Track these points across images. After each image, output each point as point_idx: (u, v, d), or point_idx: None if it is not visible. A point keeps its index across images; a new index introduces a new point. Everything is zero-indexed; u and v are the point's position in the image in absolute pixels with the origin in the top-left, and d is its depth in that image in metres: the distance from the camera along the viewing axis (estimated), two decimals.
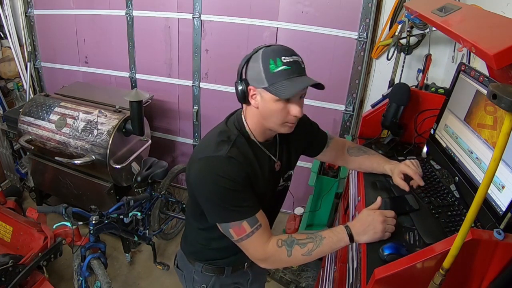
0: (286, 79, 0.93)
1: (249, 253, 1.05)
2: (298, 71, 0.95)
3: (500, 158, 0.64)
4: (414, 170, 1.21)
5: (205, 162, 0.99)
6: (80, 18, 2.89)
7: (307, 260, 1.03)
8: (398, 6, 2.12)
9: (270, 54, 0.94)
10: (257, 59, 0.96)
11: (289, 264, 1.06)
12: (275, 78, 0.93)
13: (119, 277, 2.39)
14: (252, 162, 1.04)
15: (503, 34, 0.84)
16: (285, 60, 0.93)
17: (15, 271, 1.79)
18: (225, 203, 0.98)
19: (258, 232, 1.00)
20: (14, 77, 3.20)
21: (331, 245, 1.01)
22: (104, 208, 1.96)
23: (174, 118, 3.01)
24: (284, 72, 0.93)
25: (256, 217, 1.00)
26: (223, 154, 0.98)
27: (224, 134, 1.04)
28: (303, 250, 1.01)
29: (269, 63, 0.93)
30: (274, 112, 0.98)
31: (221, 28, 2.54)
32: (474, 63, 1.58)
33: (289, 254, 1.00)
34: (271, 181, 1.14)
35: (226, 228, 1.02)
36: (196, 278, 1.29)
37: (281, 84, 0.92)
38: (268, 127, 1.04)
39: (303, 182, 2.71)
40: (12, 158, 2.94)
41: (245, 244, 1.02)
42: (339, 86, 2.45)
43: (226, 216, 1.00)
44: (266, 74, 0.94)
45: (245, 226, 0.99)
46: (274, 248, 1.01)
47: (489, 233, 0.81)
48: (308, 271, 2.31)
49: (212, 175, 0.97)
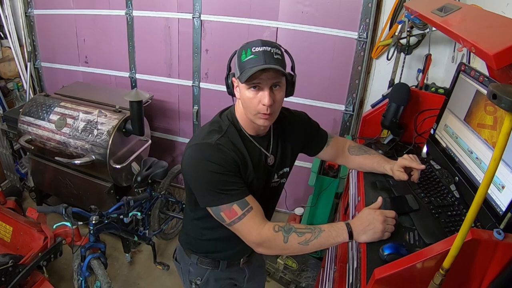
0: (251, 67, 0.96)
1: (244, 236, 1.04)
2: (266, 60, 0.96)
3: (500, 158, 0.64)
4: (411, 159, 1.22)
5: (195, 148, 1.04)
6: (80, 18, 2.88)
7: (303, 250, 1.02)
8: (398, 6, 2.12)
9: (244, 46, 1.00)
10: (237, 52, 1.02)
11: (284, 251, 1.05)
12: (244, 67, 0.98)
13: (119, 277, 2.39)
14: (242, 152, 1.07)
15: (503, 34, 0.84)
16: (254, 50, 0.97)
17: (15, 271, 1.79)
18: (214, 187, 1.01)
19: (249, 215, 1.01)
20: (14, 77, 3.20)
21: (329, 239, 1.01)
22: (104, 208, 1.96)
23: (174, 118, 3.01)
24: (251, 60, 0.97)
25: (246, 200, 1.02)
26: (212, 142, 1.03)
27: (216, 124, 1.10)
28: (300, 238, 1.00)
29: (241, 54, 0.99)
30: (246, 100, 1.01)
31: (221, 28, 2.54)
32: (474, 63, 1.58)
33: (285, 240, 1.00)
34: (263, 175, 1.15)
35: (218, 212, 1.03)
36: (192, 270, 1.31)
37: (245, 71, 0.97)
38: (249, 118, 1.06)
39: (303, 182, 2.71)
40: (12, 158, 2.94)
41: (238, 227, 1.02)
42: (339, 86, 2.45)
43: (216, 199, 1.02)
44: (238, 64, 1.00)
45: (235, 208, 1.01)
46: (270, 231, 1.01)
47: (489, 233, 0.81)
48: (308, 271, 2.31)
49: (201, 160, 1.01)
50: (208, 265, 1.28)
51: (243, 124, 1.10)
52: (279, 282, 2.34)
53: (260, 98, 0.99)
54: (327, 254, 1.83)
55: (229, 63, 1.08)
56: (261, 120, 1.03)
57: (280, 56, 1.00)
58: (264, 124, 1.05)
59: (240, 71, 0.99)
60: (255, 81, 0.98)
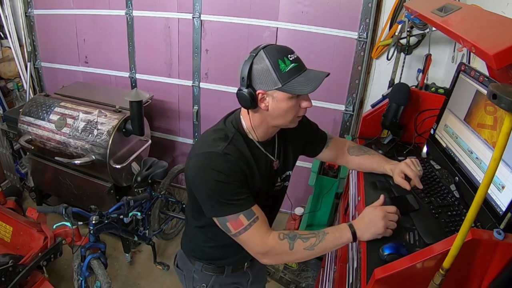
0: (298, 75, 0.95)
1: (249, 247, 1.03)
2: (303, 65, 0.98)
3: (500, 158, 0.64)
4: (414, 173, 1.20)
5: (201, 157, 1.01)
6: (80, 18, 2.88)
7: (309, 256, 1.01)
8: (398, 6, 2.12)
9: (276, 55, 0.95)
10: (262, 61, 0.96)
11: (291, 258, 1.04)
12: (288, 77, 0.95)
13: (119, 277, 2.39)
14: (248, 159, 1.05)
15: (503, 34, 0.84)
16: (291, 58, 0.96)
17: (15, 271, 1.79)
18: (221, 197, 0.99)
19: (255, 225, 1.00)
20: (14, 77, 3.20)
21: (334, 241, 1.00)
22: (104, 208, 1.96)
23: (174, 118, 3.01)
24: (294, 69, 0.96)
25: (253, 210, 1.01)
26: (219, 150, 1.00)
27: (221, 132, 1.06)
28: (305, 244, 1.00)
29: (278, 64, 0.95)
30: (288, 109, 1.00)
31: (221, 28, 2.54)
32: (474, 63, 1.58)
33: (291, 247, 0.99)
34: (268, 180, 1.15)
35: (224, 222, 1.01)
36: (196, 277, 1.29)
37: (296, 81, 0.95)
38: (276, 125, 1.06)
39: (303, 182, 2.71)
40: (12, 158, 2.94)
41: (244, 237, 1.01)
42: (339, 86, 2.45)
43: (223, 209, 1.00)
44: (278, 75, 0.95)
45: (242, 219, 0.99)
46: (276, 240, 1.00)
47: (489, 233, 0.80)
48: (308, 271, 2.31)
49: (208, 169, 0.99)
50: (213, 271, 1.27)
51: (256, 131, 1.08)
52: (279, 282, 2.34)
53: (302, 103, 1.01)
54: (327, 254, 1.83)
55: (249, 75, 0.97)
56: (296, 123, 1.06)
57: None
58: (296, 125, 1.08)
59: (284, 81, 0.95)
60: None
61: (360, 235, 1.00)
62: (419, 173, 1.21)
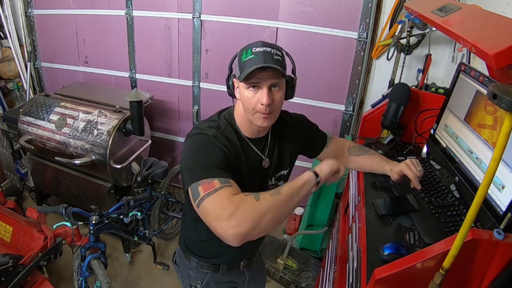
0: (251, 66, 0.96)
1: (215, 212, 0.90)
2: (266, 60, 0.97)
3: (500, 158, 0.64)
4: (414, 174, 1.18)
5: (191, 137, 1.06)
6: (80, 18, 2.88)
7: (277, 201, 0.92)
8: (398, 6, 2.12)
9: (245, 47, 1.01)
10: (238, 53, 1.04)
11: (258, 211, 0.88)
12: (244, 66, 0.99)
13: (119, 277, 2.39)
14: (237, 150, 1.07)
15: (503, 34, 0.84)
16: (255, 50, 0.98)
17: (15, 271, 1.79)
18: (202, 162, 0.97)
19: (227, 188, 0.92)
20: (14, 77, 3.20)
21: (297, 181, 0.96)
22: (104, 208, 1.96)
23: (174, 118, 3.01)
24: (251, 60, 0.98)
25: (230, 181, 0.94)
26: (211, 133, 1.04)
27: (214, 123, 1.10)
28: (270, 191, 0.94)
29: (242, 54, 1.01)
30: (246, 100, 1.02)
31: (221, 28, 2.54)
32: (474, 63, 1.58)
33: (257, 198, 0.91)
34: (257, 177, 1.15)
35: (196, 187, 0.93)
36: (192, 274, 1.31)
37: (245, 70, 0.97)
38: (248, 119, 1.07)
39: None
40: (12, 158, 2.94)
41: (210, 201, 0.90)
42: (339, 86, 2.45)
43: (200, 174, 0.95)
44: (239, 64, 1.02)
45: (215, 182, 0.92)
46: (241, 196, 0.91)
47: (489, 233, 0.81)
48: (308, 271, 2.31)
49: (195, 143, 1.03)
50: (208, 269, 1.28)
51: (241, 125, 1.11)
52: (279, 282, 2.34)
53: (259, 98, 1.00)
54: (327, 254, 1.83)
55: (231, 64, 1.09)
56: (260, 120, 1.03)
57: (281, 58, 1.00)
58: (263, 124, 1.04)
59: (240, 70, 1.00)
60: (253, 80, 0.98)
61: (320, 170, 0.99)
62: (420, 173, 1.20)
